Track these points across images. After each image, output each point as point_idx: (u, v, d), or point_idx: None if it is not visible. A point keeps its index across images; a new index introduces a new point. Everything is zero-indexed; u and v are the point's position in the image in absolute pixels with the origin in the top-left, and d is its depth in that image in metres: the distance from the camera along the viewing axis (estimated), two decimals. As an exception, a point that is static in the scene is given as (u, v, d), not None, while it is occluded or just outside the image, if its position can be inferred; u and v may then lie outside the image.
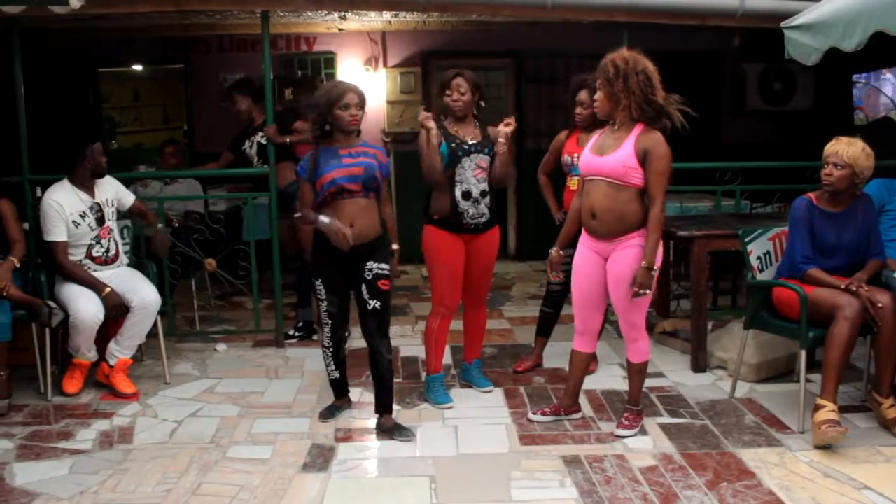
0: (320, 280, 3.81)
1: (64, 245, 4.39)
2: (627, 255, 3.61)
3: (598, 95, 3.64)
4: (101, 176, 4.57)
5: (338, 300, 3.84)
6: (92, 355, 4.45)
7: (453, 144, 4.08)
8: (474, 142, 4.12)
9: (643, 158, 3.52)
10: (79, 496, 3.28)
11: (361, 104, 3.75)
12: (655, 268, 3.54)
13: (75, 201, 4.44)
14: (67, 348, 4.43)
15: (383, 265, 3.79)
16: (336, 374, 4.05)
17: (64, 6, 4.20)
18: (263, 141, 5.25)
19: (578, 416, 4.05)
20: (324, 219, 3.67)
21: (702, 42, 7.75)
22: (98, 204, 4.51)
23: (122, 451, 3.72)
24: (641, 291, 3.52)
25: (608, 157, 3.58)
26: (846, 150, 3.81)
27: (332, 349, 3.96)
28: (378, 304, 3.79)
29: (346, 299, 3.89)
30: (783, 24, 4.45)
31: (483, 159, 4.12)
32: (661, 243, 3.69)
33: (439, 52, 7.98)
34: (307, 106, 3.80)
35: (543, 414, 4.03)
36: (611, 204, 3.59)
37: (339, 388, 4.13)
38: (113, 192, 4.65)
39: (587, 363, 4.04)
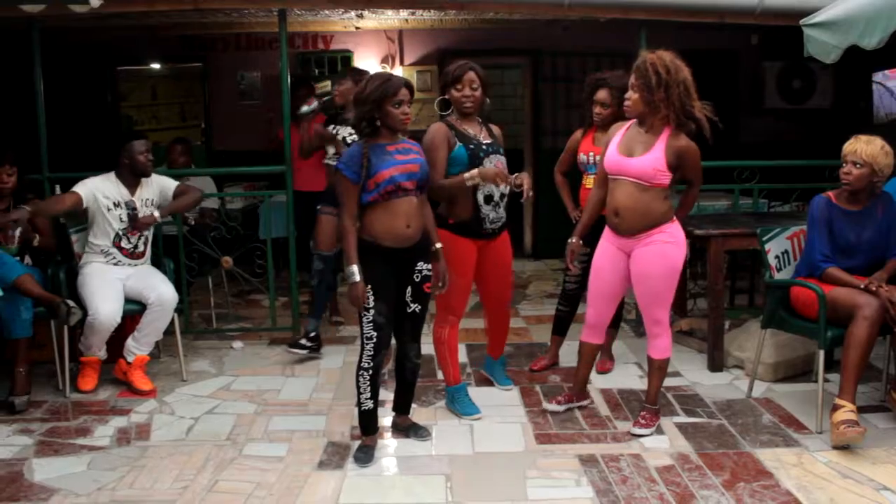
0: (370, 286, 3.43)
1: (76, 197, 4.45)
2: (650, 251, 3.64)
3: (633, 96, 3.61)
4: (144, 175, 4.60)
5: (387, 309, 3.47)
6: (102, 354, 4.49)
7: (472, 146, 3.90)
8: (488, 142, 3.98)
9: (674, 163, 3.57)
10: (96, 492, 3.30)
11: (411, 100, 3.49)
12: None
13: (113, 191, 4.54)
14: (79, 345, 4.47)
15: (430, 266, 3.65)
16: (370, 405, 3.56)
17: (84, 5, 4.24)
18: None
19: (587, 402, 4.13)
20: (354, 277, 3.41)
21: (720, 40, 7.71)
22: (133, 202, 4.55)
23: (139, 447, 3.75)
24: None
25: (638, 159, 3.58)
26: (865, 149, 3.78)
27: (371, 372, 3.50)
28: (418, 308, 3.63)
29: (394, 308, 3.55)
30: (802, 21, 4.42)
31: (500, 160, 3.97)
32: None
33: (456, 50, 7.96)
34: (356, 101, 3.50)
35: (558, 403, 4.07)
36: (635, 204, 3.61)
37: (372, 423, 3.63)
38: (157, 191, 4.68)
39: (595, 354, 4.08)
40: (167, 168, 6.08)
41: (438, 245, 3.70)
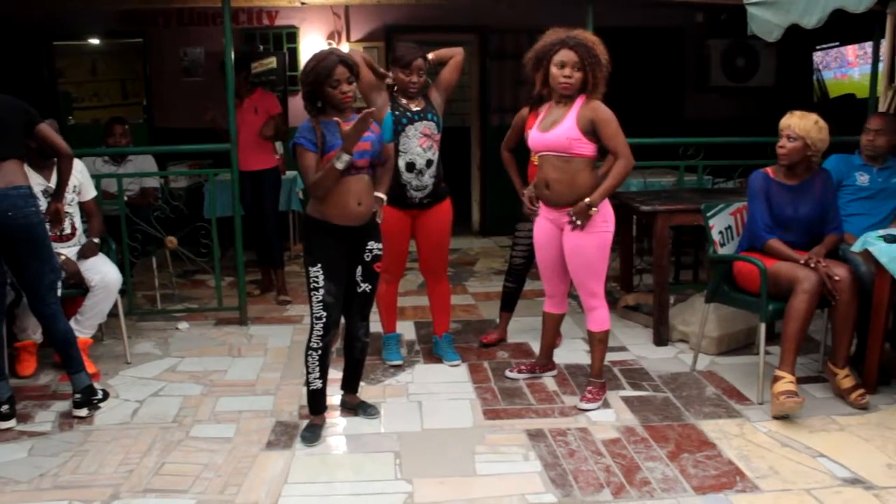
0: (319, 265, 3.42)
1: None
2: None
3: (576, 75, 3.63)
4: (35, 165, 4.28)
5: (335, 288, 3.45)
6: (38, 337, 4.38)
7: (397, 112, 4.08)
8: (418, 109, 4.13)
9: (588, 129, 3.62)
10: (38, 479, 3.23)
11: (353, 76, 3.36)
12: (594, 210, 3.64)
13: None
14: (13, 328, 4.35)
15: (381, 245, 3.63)
16: (319, 384, 3.55)
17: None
18: None
19: (554, 373, 4.25)
20: (344, 155, 3.25)
21: (666, 18, 7.78)
22: (51, 188, 4.38)
23: (82, 432, 3.68)
24: (576, 221, 3.66)
25: (552, 132, 3.68)
26: (799, 123, 3.89)
27: (320, 352, 3.49)
28: (368, 288, 3.62)
29: (343, 287, 3.53)
30: (745, 0, 4.47)
31: (427, 126, 4.12)
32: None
33: (403, 26, 7.91)
34: (301, 82, 3.42)
35: (520, 371, 4.24)
36: (561, 175, 3.70)
37: (321, 402, 3.63)
38: (74, 177, 4.43)
39: (559, 323, 4.20)
40: (106, 148, 5.92)
41: (382, 196, 3.61)
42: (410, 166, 4.09)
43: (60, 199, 4.02)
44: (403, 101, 4.14)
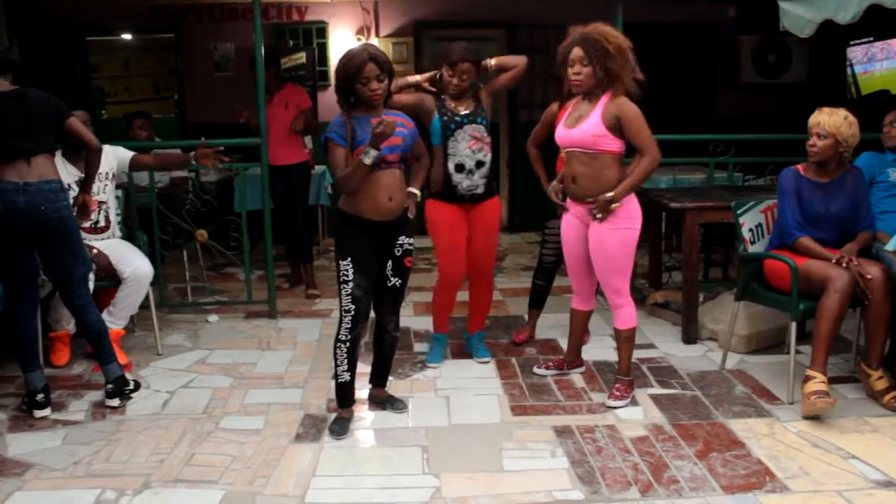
0: (349, 259, 3.44)
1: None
2: (605, 223, 3.68)
3: (584, 70, 3.61)
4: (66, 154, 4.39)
5: (365, 281, 3.47)
6: (71, 328, 4.44)
7: (445, 118, 4.08)
8: (466, 112, 4.11)
9: (614, 125, 3.60)
10: (72, 466, 3.28)
11: (383, 73, 3.37)
12: (616, 204, 3.63)
13: (64, 175, 4.39)
14: (48, 319, 4.42)
15: (412, 240, 3.64)
16: (347, 377, 3.57)
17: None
18: None
19: (582, 369, 4.24)
20: (372, 151, 3.27)
21: (697, 14, 7.72)
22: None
23: (114, 421, 3.73)
24: (597, 214, 3.64)
25: (577, 128, 3.67)
26: (828, 120, 3.85)
27: (349, 344, 3.51)
28: (399, 282, 3.63)
29: (373, 281, 3.55)
30: (778, -5, 4.43)
31: (477, 129, 4.10)
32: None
33: (432, 22, 7.92)
34: (334, 77, 3.46)
35: (547, 368, 4.24)
36: (588, 170, 3.70)
37: (349, 395, 3.65)
38: (108, 163, 4.53)
39: (586, 320, 4.18)
40: (135, 141, 5.99)
41: (416, 191, 3.69)
42: (460, 167, 4.09)
43: (88, 191, 4.08)
44: (451, 104, 4.11)
